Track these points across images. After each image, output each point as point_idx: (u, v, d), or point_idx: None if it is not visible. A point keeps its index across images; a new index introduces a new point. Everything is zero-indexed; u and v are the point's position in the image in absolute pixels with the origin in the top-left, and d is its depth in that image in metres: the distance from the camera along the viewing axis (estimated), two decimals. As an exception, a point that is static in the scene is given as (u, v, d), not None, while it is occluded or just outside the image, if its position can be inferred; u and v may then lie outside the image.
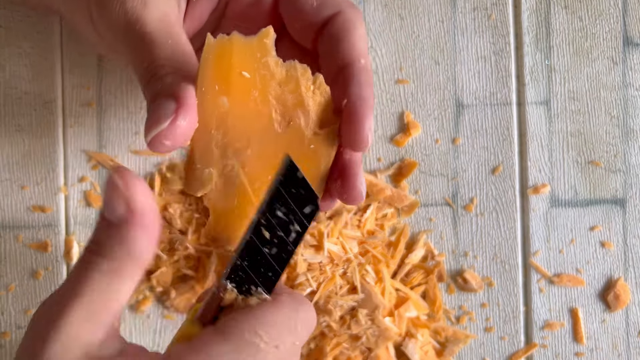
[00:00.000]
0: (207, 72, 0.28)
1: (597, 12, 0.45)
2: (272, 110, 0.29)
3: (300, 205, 0.28)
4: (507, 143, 0.44)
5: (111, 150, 0.43)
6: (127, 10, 0.31)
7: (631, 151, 0.45)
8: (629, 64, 0.45)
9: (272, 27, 0.29)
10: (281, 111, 0.29)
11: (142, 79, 0.30)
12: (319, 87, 0.30)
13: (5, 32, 0.42)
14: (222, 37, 0.28)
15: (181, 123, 0.27)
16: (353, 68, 0.32)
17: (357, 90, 0.31)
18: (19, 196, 0.42)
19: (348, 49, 0.32)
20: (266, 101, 0.29)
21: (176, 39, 0.30)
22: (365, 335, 0.42)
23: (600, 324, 0.44)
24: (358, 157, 0.32)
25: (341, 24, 0.33)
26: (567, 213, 0.44)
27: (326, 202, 0.32)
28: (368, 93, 0.31)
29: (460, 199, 0.44)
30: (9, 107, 0.42)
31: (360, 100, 0.30)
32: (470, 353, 0.44)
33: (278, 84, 0.29)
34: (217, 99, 0.28)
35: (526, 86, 0.44)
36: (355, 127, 0.30)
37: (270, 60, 0.29)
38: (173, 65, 0.29)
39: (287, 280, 0.41)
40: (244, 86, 0.28)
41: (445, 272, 0.44)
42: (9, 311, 0.42)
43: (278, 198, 0.27)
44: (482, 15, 0.44)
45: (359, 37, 0.33)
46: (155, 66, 0.29)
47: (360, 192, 0.31)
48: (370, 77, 0.32)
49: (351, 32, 0.32)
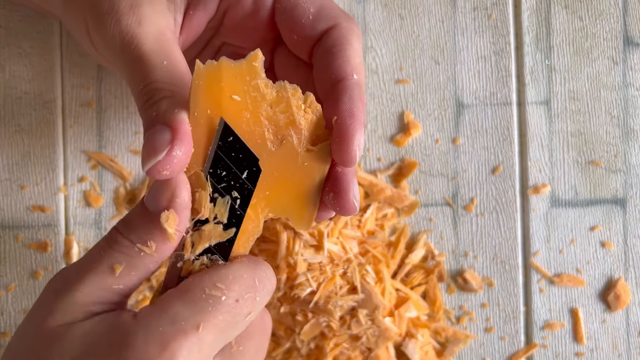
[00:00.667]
0: (199, 98, 0.28)
1: (597, 12, 0.45)
2: (265, 130, 0.30)
3: (242, 169, 0.29)
4: (508, 143, 0.44)
5: (111, 150, 0.43)
6: (122, 30, 0.31)
7: (631, 151, 0.45)
8: (629, 63, 0.45)
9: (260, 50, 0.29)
10: (274, 131, 0.30)
11: (138, 100, 0.30)
12: (309, 105, 0.30)
13: (5, 32, 0.42)
14: (211, 63, 0.28)
15: (177, 153, 0.27)
16: (345, 83, 0.32)
17: (347, 106, 0.31)
18: (18, 196, 0.42)
19: (342, 64, 0.32)
20: (258, 122, 0.29)
21: (172, 59, 0.31)
22: (365, 335, 0.42)
23: (600, 324, 0.44)
24: (351, 170, 0.32)
25: (336, 38, 0.33)
26: (568, 213, 0.44)
27: (321, 214, 0.33)
28: (359, 109, 0.31)
29: (461, 199, 0.44)
30: (8, 107, 0.42)
31: (350, 118, 0.31)
32: (470, 353, 0.44)
33: (269, 105, 0.30)
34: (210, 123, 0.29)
35: (526, 86, 0.44)
36: (344, 144, 0.30)
37: (260, 83, 0.29)
38: (169, 88, 0.29)
39: (287, 280, 0.41)
40: (236, 109, 0.29)
41: (445, 272, 0.44)
42: (8, 311, 0.42)
43: (219, 163, 0.29)
44: (482, 15, 0.44)
45: (353, 53, 0.33)
46: (150, 89, 0.29)
47: (353, 205, 0.32)
48: (362, 93, 0.32)
49: (346, 47, 0.33)
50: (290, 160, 0.30)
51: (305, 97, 0.30)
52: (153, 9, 0.32)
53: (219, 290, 0.28)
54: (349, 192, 0.31)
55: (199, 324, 0.27)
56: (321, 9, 0.33)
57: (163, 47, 0.31)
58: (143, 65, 0.30)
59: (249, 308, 0.29)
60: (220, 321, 0.28)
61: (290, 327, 0.42)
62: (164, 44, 0.31)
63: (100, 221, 0.43)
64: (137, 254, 0.28)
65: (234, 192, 0.29)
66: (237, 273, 0.29)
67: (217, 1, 0.34)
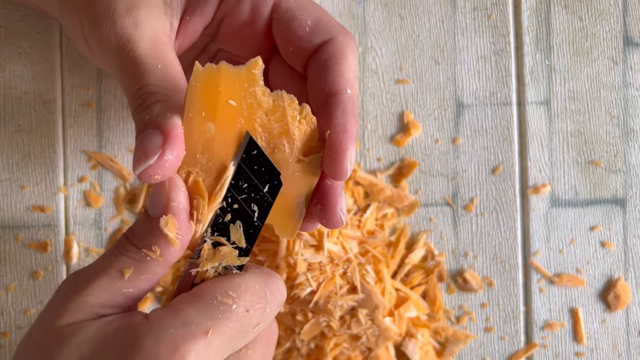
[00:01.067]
0: (195, 99, 0.28)
1: (597, 12, 0.45)
2: (258, 137, 0.30)
3: (263, 182, 0.29)
4: (507, 143, 0.44)
5: (111, 150, 0.43)
6: (117, 32, 0.31)
7: (631, 151, 0.45)
8: (629, 63, 0.45)
9: (260, 57, 0.29)
10: (266, 138, 0.30)
11: (131, 103, 0.30)
12: (305, 116, 0.31)
13: (5, 32, 0.42)
14: (210, 66, 0.28)
15: (168, 157, 0.27)
16: (339, 98, 0.32)
17: (340, 121, 0.31)
18: (18, 196, 0.42)
19: (336, 78, 0.32)
20: (252, 128, 0.30)
21: (166, 63, 0.31)
22: (365, 335, 0.42)
23: (600, 324, 0.44)
24: (339, 184, 0.32)
25: (332, 52, 0.33)
26: (567, 213, 0.44)
27: (307, 224, 0.33)
28: (351, 124, 0.31)
29: (461, 199, 0.44)
30: (8, 107, 0.42)
31: (343, 133, 0.31)
32: (470, 353, 0.44)
33: (265, 113, 0.30)
34: (204, 125, 0.29)
35: (526, 86, 0.44)
36: (336, 158, 0.31)
37: (257, 90, 0.29)
38: (162, 92, 0.29)
39: (287, 280, 0.41)
40: (231, 113, 0.29)
41: (445, 272, 0.44)
42: (8, 311, 0.42)
43: (241, 175, 0.29)
44: (482, 15, 0.44)
45: (348, 67, 0.33)
46: (144, 92, 0.29)
47: (340, 219, 0.32)
48: (355, 107, 0.32)
49: (341, 61, 0.33)
50: (281, 169, 0.30)
51: (301, 108, 0.30)
52: (150, 12, 0.32)
53: (231, 299, 0.28)
54: (336, 205, 0.32)
55: (209, 329, 0.27)
56: (318, 22, 0.33)
57: (158, 50, 0.31)
58: (137, 68, 0.30)
59: (258, 319, 0.29)
60: (229, 329, 0.28)
61: (290, 326, 0.42)
62: (159, 47, 0.31)
63: (100, 221, 0.43)
64: (144, 258, 0.29)
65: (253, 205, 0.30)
66: (249, 283, 0.29)
67: (214, 8, 0.34)
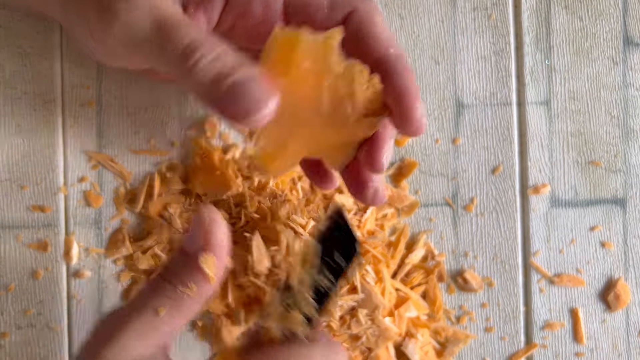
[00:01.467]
0: (269, 59, 0.29)
1: (597, 12, 0.45)
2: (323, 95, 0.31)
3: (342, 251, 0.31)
4: (507, 143, 0.44)
5: (111, 150, 0.43)
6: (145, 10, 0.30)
7: (631, 151, 0.45)
8: (629, 63, 0.45)
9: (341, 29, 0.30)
10: (331, 98, 0.31)
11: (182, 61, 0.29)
12: (373, 86, 0.31)
13: (5, 32, 0.42)
14: (289, 30, 0.29)
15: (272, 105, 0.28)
16: (386, 60, 0.31)
17: (400, 81, 0.31)
18: (18, 196, 0.42)
19: (372, 44, 0.32)
20: (319, 87, 0.30)
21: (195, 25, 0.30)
22: (365, 335, 0.42)
23: (600, 324, 0.44)
24: (389, 134, 0.32)
25: (358, 22, 0.32)
26: (567, 213, 0.44)
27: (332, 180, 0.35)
28: (411, 80, 0.31)
29: (460, 199, 0.44)
30: (8, 107, 0.42)
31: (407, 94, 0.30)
32: (470, 353, 0.44)
33: (334, 78, 0.30)
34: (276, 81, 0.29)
35: (526, 86, 0.44)
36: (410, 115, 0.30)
37: (332, 58, 0.30)
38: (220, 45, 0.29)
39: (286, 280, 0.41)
40: (302, 73, 0.30)
41: (445, 272, 0.44)
42: (8, 311, 0.42)
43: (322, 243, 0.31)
44: (482, 15, 0.44)
45: (381, 29, 0.32)
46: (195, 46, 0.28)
47: (382, 164, 0.32)
48: (405, 63, 0.32)
49: (370, 26, 0.32)
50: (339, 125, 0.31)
51: (370, 77, 0.31)
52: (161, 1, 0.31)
53: None
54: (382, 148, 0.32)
55: None
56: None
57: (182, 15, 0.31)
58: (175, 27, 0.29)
59: None
60: None
61: (290, 327, 0.42)
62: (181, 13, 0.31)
63: (100, 221, 0.43)
64: (180, 296, 0.29)
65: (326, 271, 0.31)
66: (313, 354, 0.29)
67: (218, 12, 0.34)
